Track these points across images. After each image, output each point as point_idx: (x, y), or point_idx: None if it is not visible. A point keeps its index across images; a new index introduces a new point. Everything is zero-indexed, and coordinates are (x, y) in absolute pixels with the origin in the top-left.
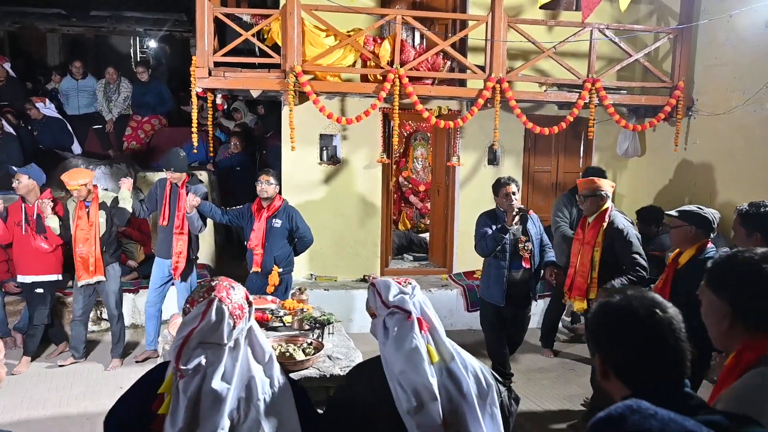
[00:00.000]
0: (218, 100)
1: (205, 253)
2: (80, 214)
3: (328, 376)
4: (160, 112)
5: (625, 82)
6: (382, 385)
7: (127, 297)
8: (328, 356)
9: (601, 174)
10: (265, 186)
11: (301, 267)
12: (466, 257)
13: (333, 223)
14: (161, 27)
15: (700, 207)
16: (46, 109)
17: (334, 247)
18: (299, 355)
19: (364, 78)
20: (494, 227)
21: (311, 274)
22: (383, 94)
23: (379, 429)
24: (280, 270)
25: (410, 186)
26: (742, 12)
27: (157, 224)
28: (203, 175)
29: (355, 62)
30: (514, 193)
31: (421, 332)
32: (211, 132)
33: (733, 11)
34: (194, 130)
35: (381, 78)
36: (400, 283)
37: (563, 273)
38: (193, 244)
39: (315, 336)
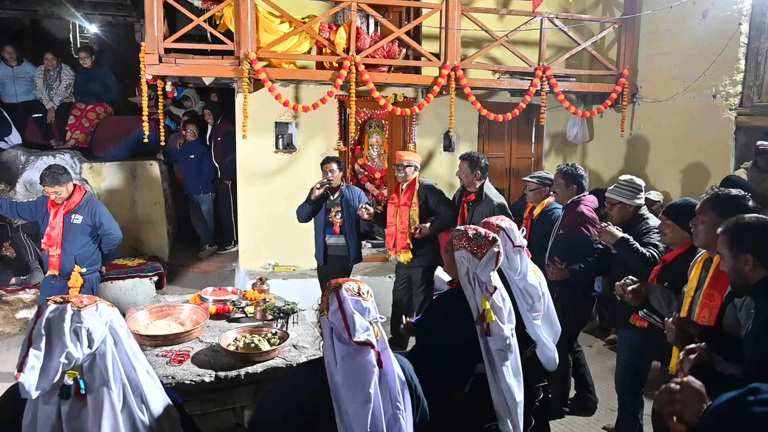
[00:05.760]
0: (168, 88)
1: (158, 245)
2: None
3: (294, 365)
4: (105, 100)
5: (573, 69)
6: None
7: None
8: (293, 345)
9: (745, 185)
10: (56, 189)
11: (261, 256)
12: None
13: (291, 211)
14: (103, 11)
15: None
16: None
17: (292, 236)
18: (264, 346)
19: (320, 65)
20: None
21: (269, 264)
22: (340, 82)
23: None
24: (83, 270)
25: (366, 173)
26: (681, 3)
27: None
28: (153, 165)
29: (310, 49)
30: (332, 171)
31: (527, 257)
32: (162, 120)
33: (674, 2)
34: (145, 118)
35: (337, 65)
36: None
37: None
38: None
39: (279, 326)
